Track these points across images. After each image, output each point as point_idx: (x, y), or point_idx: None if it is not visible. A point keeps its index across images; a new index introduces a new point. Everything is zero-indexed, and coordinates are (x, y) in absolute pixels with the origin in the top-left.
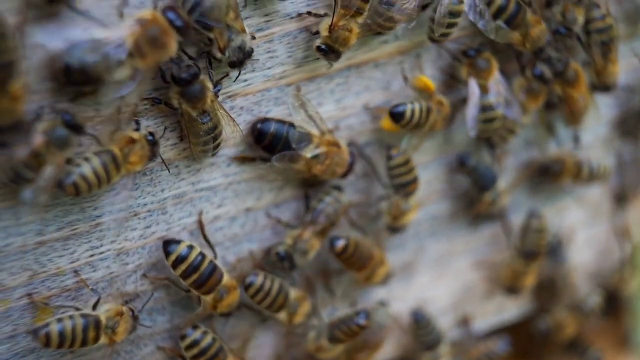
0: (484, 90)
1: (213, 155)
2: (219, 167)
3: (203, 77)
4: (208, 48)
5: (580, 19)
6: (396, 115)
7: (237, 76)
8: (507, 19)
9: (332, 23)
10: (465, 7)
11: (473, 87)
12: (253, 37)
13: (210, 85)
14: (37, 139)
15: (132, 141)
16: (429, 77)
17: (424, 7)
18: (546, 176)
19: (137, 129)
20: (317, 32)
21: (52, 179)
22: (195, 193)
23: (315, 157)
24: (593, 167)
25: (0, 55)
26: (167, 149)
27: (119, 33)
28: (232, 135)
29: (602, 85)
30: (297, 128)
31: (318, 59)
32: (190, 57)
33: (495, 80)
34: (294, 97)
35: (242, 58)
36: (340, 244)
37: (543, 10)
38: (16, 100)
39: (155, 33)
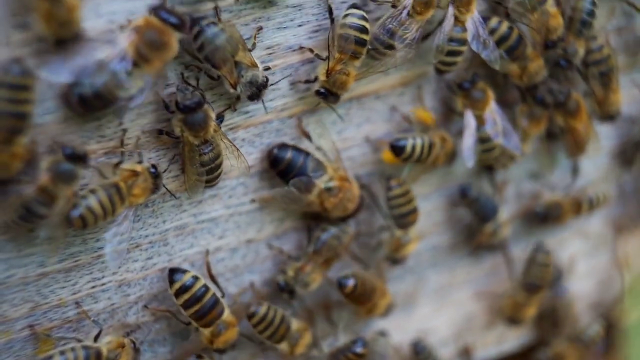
0: (480, 121)
1: (213, 185)
2: (220, 198)
3: (207, 106)
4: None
5: (581, 51)
6: (397, 149)
7: (264, 107)
8: (507, 49)
9: (328, 68)
10: (468, 36)
11: (469, 118)
12: (267, 68)
13: (213, 114)
14: (43, 175)
15: (135, 174)
16: (428, 110)
17: (425, 37)
18: (547, 222)
19: (140, 162)
20: (316, 78)
21: (63, 212)
22: (197, 224)
23: (329, 189)
24: (592, 198)
25: (19, 105)
26: (169, 180)
27: (119, 47)
28: (238, 166)
29: (605, 115)
30: (313, 157)
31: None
32: (194, 87)
33: (491, 110)
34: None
35: (256, 91)
36: (350, 284)
37: (542, 48)
38: (15, 158)
39: (153, 35)
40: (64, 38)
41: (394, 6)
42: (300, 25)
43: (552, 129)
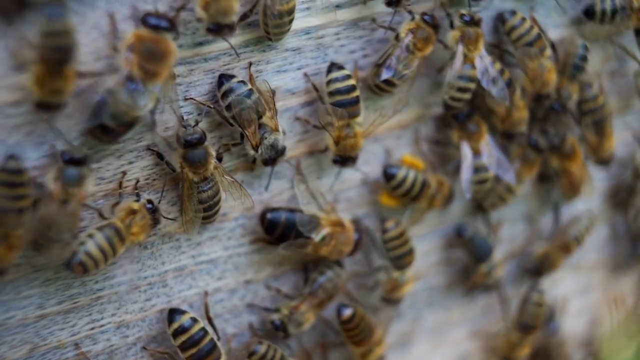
0: (476, 152)
1: (211, 222)
2: (219, 240)
3: (208, 144)
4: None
5: (575, 95)
6: (388, 175)
7: (270, 175)
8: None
9: (334, 137)
10: (477, 73)
11: (465, 150)
12: (284, 133)
13: (213, 152)
14: (54, 188)
15: (133, 212)
16: (414, 156)
17: (440, 70)
18: (541, 274)
19: (137, 200)
20: (327, 148)
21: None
22: (196, 266)
23: (323, 239)
24: (576, 235)
25: (15, 202)
26: (169, 222)
27: (123, 71)
28: (241, 201)
29: (599, 160)
30: (304, 212)
31: (318, 133)
32: (196, 124)
33: (486, 142)
34: (295, 172)
35: (274, 156)
36: (347, 313)
37: (532, 98)
38: (12, 250)
39: (150, 48)
40: (50, 104)
41: (396, 37)
42: (299, 69)
43: (545, 171)
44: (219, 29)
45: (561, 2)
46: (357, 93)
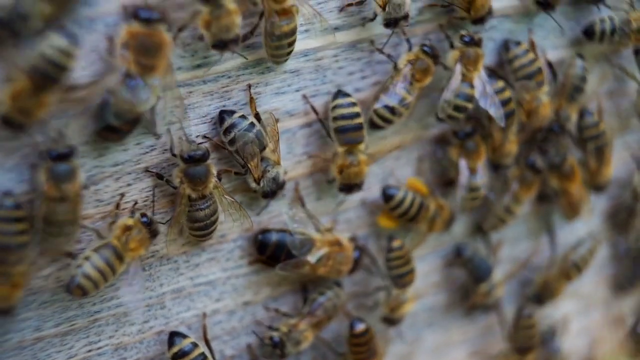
0: (472, 171)
1: (206, 240)
2: (217, 262)
3: (210, 162)
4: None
5: (574, 116)
6: (386, 196)
7: (265, 206)
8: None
9: (338, 167)
10: (476, 93)
11: (463, 168)
12: (285, 172)
13: (214, 171)
14: (47, 188)
15: (128, 228)
16: (417, 179)
17: (441, 91)
18: (543, 302)
19: (132, 215)
20: (333, 178)
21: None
22: (194, 287)
23: (319, 260)
24: (577, 261)
25: (15, 238)
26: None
27: (120, 70)
28: (240, 222)
29: (594, 185)
30: (298, 234)
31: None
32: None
33: (483, 163)
34: (292, 195)
35: (275, 189)
36: (360, 327)
37: (526, 130)
38: (16, 287)
39: (144, 43)
40: (14, 122)
41: (395, 67)
42: (297, 90)
43: (544, 191)
44: (224, 45)
45: (560, 23)
46: (361, 120)
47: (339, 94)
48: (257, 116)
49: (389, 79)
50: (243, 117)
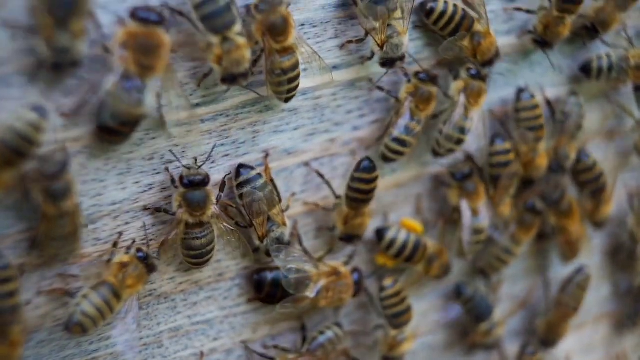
0: (474, 213)
1: (201, 267)
2: (215, 300)
3: (210, 188)
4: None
5: (573, 155)
6: (379, 234)
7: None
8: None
9: (343, 218)
10: (471, 126)
11: (465, 210)
12: (292, 234)
13: (214, 198)
14: (45, 208)
15: (125, 265)
16: (413, 219)
17: (434, 117)
18: (549, 345)
19: (127, 252)
20: (334, 226)
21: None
22: (192, 326)
23: (318, 292)
24: (570, 302)
25: (6, 300)
26: (165, 282)
27: (119, 70)
28: (240, 252)
29: (593, 224)
30: (293, 273)
31: (314, 194)
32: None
33: (484, 203)
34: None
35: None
36: None
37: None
38: (15, 346)
39: (143, 42)
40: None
41: (397, 100)
42: (296, 129)
43: (544, 229)
44: (233, 79)
45: (557, 61)
46: (375, 185)
47: (362, 169)
48: (272, 182)
49: (393, 113)
50: (259, 175)
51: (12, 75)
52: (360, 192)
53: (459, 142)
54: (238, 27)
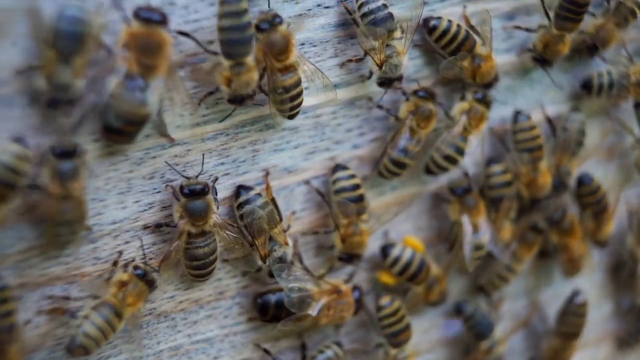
0: (475, 228)
1: (203, 280)
2: (215, 318)
3: (211, 197)
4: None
5: (574, 171)
6: (384, 252)
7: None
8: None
9: (341, 235)
10: (468, 148)
11: (467, 225)
12: (296, 254)
13: (214, 207)
14: (51, 185)
15: (124, 284)
16: (414, 237)
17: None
18: None
19: (126, 270)
20: (333, 246)
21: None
22: (192, 345)
23: (319, 311)
24: (570, 330)
25: (3, 320)
26: (165, 301)
27: (122, 70)
28: (244, 261)
29: (594, 242)
30: (295, 292)
31: (316, 211)
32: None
33: (484, 218)
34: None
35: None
36: None
37: (528, 203)
38: None
39: (145, 42)
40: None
41: (396, 119)
42: (296, 147)
43: (545, 247)
44: (241, 100)
45: (557, 78)
46: (362, 191)
47: (338, 167)
48: (274, 201)
49: (394, 132)
50: (259, 194)
51: (13, 96)
52: (345, 191)
53: (454, 161)
54: (252, 55)
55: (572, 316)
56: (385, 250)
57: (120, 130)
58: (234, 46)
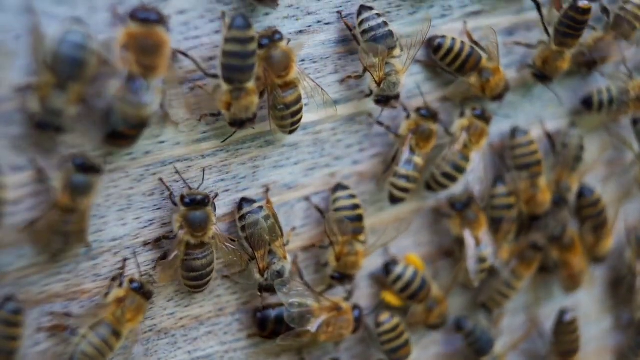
0: (477, 241)
1: (200, 292)
2: (215, 335)
3: (211, 209)
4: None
5: (574, 187)
6: (386, 267)
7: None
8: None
9: (336, 254)
10: (468, 167)
11: (469, 239)
12: (291, 271)
13: (214, 218)
14: (60, 195)
15: (122, 300)
16: (415, 255)
17: None
18: None
19: (121, 285)
20: (327, 263)
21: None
22: None
23: (319, 327)
24: (567, 348)
25: (8, 342)
26: (165, 318)
27: (122, 73)
28: (242, 275)
29: (592, 257)
30: (295, 307)
31: (315, 228)
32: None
33: (485, 231)
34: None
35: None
36: None
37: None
38: None
39: (144, 42)
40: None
41: (396, 136)
42: (296, 164)
43: (545, 263)
44: (242, 124)
45: (558, 94)
46: (361, 211)
47: (339, 187)
48: (275, 216)
49: (395, 150)
50: (261, 207)
51: (13, 112)
52: (345, 210)
53: (454, 179)
54: (252, 82)
55: (565, 335)
56: (388, 267)
57: (124, 134)
58: (234, 72)
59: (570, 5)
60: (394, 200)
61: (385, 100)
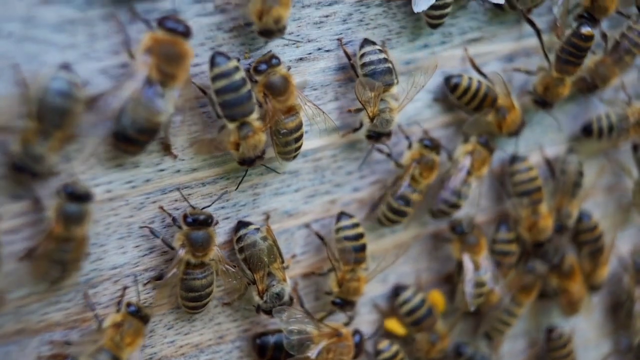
0: (476, 266)
1: (198, 312)
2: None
3: (213, 230)
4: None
5: (575, 212)
6: (396, 290)
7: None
8: None
9: (339, 280)
10: (469, 193)
11: (468, 263)
12: (291, 298)
13: (216, 239)
14: (55, 225)
15: (119, 325)
16: (441, 295)
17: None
18: None
19: (118, 310)
20: (330, 292)
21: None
22: None
23: (319, 354)
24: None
25: None
26: (165, 346)
27: (140, 75)
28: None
29: (589, 285)
30: (294, 334)
31: (315, 254)
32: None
33: (485, 256)
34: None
35: (277, 306)
36: None
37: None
38: None
39: (168, 49)
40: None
41: (397, 165)
42: (296, 191)
43: (544, 290)
44: (252, 162)
45: (558, 120)
46: (364, 240)
47: (342, 215)
48: (275, 242)
49: (396, 179)
50: (258, 229)
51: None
52: (348, 240)
53: (456, 206)
54: (256, 114)
55: (556, 351)
56: (397, 290)
57: (133, 138)
58: (233, 108)
59: (573, 32)
60: (381, 224)
61: (376, 136)
